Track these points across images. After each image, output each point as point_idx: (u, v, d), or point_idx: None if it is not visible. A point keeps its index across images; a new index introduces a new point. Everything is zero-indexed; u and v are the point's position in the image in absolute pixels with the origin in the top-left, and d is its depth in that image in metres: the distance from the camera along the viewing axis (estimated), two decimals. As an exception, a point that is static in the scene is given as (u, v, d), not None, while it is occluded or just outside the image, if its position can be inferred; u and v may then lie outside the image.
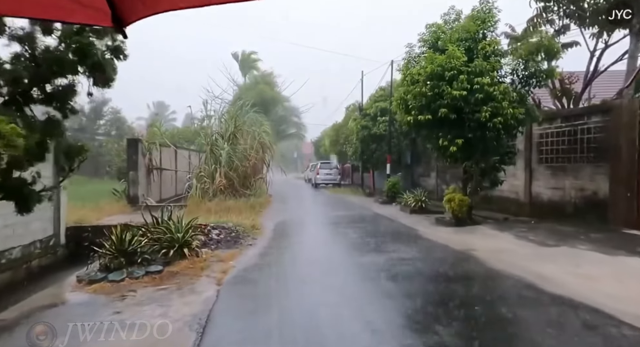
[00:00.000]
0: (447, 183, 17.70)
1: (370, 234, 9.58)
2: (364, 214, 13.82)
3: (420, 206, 13.51)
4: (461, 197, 10.14)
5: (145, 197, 14.26)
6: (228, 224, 10.08)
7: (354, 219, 12.18)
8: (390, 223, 11.37)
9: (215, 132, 16.27)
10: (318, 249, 8.18)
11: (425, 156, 19.87)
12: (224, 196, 14.93)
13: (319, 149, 41.13)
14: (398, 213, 13.55)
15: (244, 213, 12.58)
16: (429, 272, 6.16)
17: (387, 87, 21.29)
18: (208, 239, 8.22)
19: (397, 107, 10.51)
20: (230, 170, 15.79)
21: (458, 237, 8.75)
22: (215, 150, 15.73)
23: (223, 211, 12.75)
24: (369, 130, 20.64)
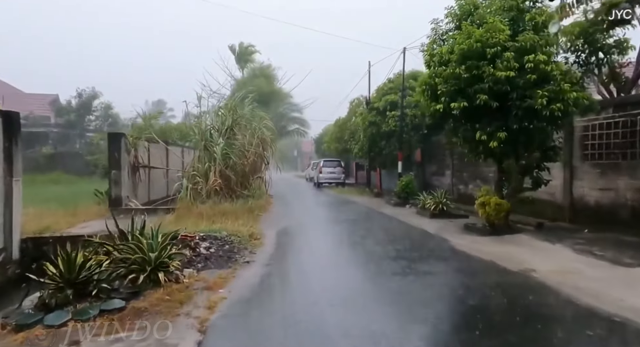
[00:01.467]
0: (464, 183, 16.09)
1: (392, 245, 7.95)
2: (377, 218, 12.21)
3: (442, 209, 11.89)
4: (497, 200, 8.52)
5: (130, 199, 12.62)
6: (221, 233, 8.46)
7: (367, 226, 10.57)
8: (412, 231, 9.75)
9: (210, 126, 14.61)
10: (332, 270, 6.50)
11: (438, 153, 18.25)
12: (219, 197, 13.28)
13: (321, 146, 39.47)
14: (416, 217, 11.93)
15: (240, 218, 10.95)
16: (491, 309, 4.54)
17: (397, 79, 19.68)
18: (195, 255, 6.59)
19: (421, 94, 8.89)
20: (226, 169, 14.14)
21: (502, 250, 7.14)
22: (210, 146, 14.09)
23: (217, 215, 11.12)
24: (377, 126, 19.02)
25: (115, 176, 11.95)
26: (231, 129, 14.50)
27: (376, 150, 19.54)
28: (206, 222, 10.02)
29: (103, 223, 10.51)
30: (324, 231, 10.01)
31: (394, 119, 18.38)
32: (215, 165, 13.62)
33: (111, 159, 12.08)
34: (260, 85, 27.32)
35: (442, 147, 17.81)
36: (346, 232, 9.64)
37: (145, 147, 14.61)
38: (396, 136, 18.32)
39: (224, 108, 14.84)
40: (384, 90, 19.97)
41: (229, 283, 5.37)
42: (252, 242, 8.05)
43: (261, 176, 17.58)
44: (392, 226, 10.66)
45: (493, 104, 7.25)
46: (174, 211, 11.58)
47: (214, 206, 12.35)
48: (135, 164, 13.35)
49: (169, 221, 10.11)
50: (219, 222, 10.15)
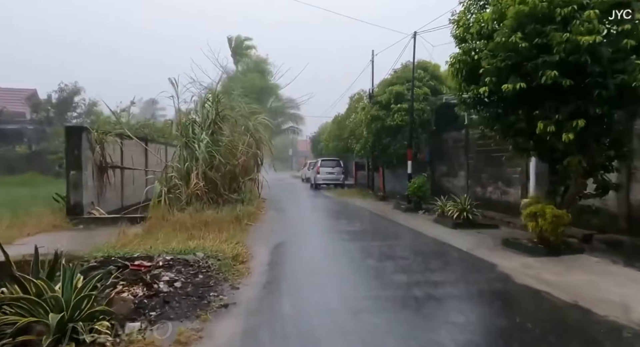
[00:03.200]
0: (482, 185, 14.14)
1: (422, 274, 5.99)
2: (390, 229, 10.25)
3: (466, 218, 9.96)
4: (555, 211, 6.58)
5: (94, 206, 10.56)
6: (197, 254, 6.46)
7: (382, 241, 8.59)
8: (439, 248, 7.79)
9: (192, 120, 12.57)
10: (349, 321, 4.46)
11: (450, 151, 16.33)
12: (202, 203, 11.27)
13: (317, 145, 37.50)
14: (436, 228, 9.99)
15: (226, 230, 8.96)
16: None
17: (404, 68, 17.78)
18: (150, 294, 4.58)
19: (454, 75, 6.94)
20: (211, 170, 12.12)
21: (577, 281, 5.22)
22: (192, 143, 12.06)
23: (197, 226, 9.11)
24: (382, 121, 17.10)
25: (74, 178, 9.88)
26: (215, 123, 12.45)
27: (380, 148, 17.61)
28: (181, 237, 8.01)
29: (51, 238, 8.53)
30: (328, 249, 7.99)
31: (400, 113, 16.47)
32: (197, 165, 11.59)
33: (69, 157, 10.01)
34: (254, 81, 25.27)
35: (455, 144, 15.92)
36: (357, 250, 7.66)
37: (118, 144, 12.56)
38: (402, 132, 16.43)
39: (209, 101, 12.75)
40: (389, 80, 18.05)
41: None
42: (237, 267, 6.04)
43: (253, 178, 15.59)
44: (412, 240, 8.69)
45: (565, 82, 5.31)
46: (144, 221, 9.56)
47: (195, 213, 10.33)
48: (102, 163, 11.29)
49: (133, 235, 8.09)
50: (198, 236, 8.15)
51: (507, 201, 12.60)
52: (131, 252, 6.40)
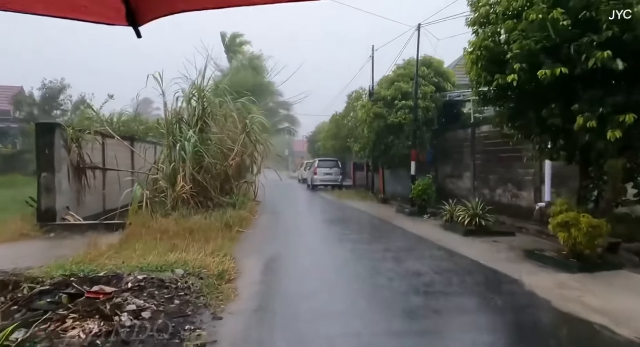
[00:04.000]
0: (490, 187, 13.26)
1: (443, 295, 5.09)
2: (395, 236, 9.33)
3: (478, 224, 9.07)
4: (589, 220, 5.69)
5: (69, 211, 9.58)
6: (176, 271, 5.53)
7: (388, 251, 7.65)
8: (452, 260, 6.87)
9: (179, 117, 11.61)
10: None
11: (454, 152, 15.46)
12: (189, 207, 10.32)
13: (314, 145, 36.56)
14: (445, 235, 9.10)
15: (213, 238, 8.03)
16: None
17: (407, 64, 16.89)
18: (109, 330, 3.63)
19: (473, 63, 6.04)
20: (200, 171, 11.18)
21: (634, 306, 4.34)
22: (179, 142, 11.10)
23: (181, 234, 8.18)
24: (384, 118, 16.18)
25: (45, 181, 8.90)
26: (202, 120, 11.48)
27: (382, 148, 16.68)
28: (162, 248, 7.07)
29: (14, 250, 7.55)
30: (330, 264, 7.00)
31: (403, 111, 15.57)
32: (184, 166, 10.63)
33: (40, 157, 9.03)
34: (247, 78, 24.28)
35: (460, 144, 15.05)
36: (362, 265, 6.72)
37: (99, 143, 11.58)
38: (405, 131, 15.52)
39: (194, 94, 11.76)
40: (392, 77, 17.15)
41: None
42: (222, 288, 5.11)
43: (248, 180, 14.65)
44: (422, 250, 7.76)
45: (616, 66, 4.41)
46: (123, 228, 8.60)
47: (181, 219, 9.40)
48: (80, 164, 10.30)
49: (108, 246, 7.15)
50: (181, 246, 7.21)
51: (518, 205, 11.72)
52: (98, 269, 5.47)
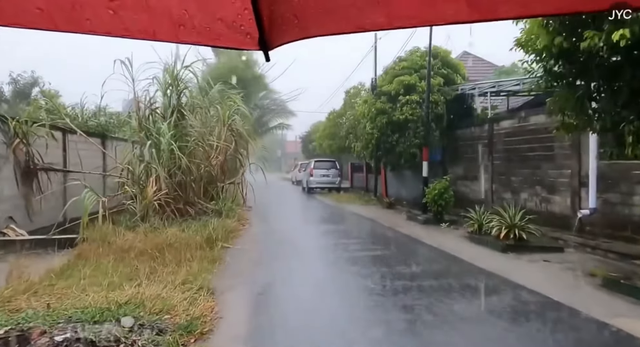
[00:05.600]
0: (513, 190, 11.55)
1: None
2: (419, 255, 7.58)
3: (517, 237, 7.40)
4: None
5: (13, 222, 7.72)
6: (123, 320, 3.75)
7: (416, 279, 5.91)
8: (510, 292, 5.14)
9: (152, 109, 9.78)
10: None
11: (469, 150, 13.80)
12: (164, 216, 8.53)
13: (309, 145, 34.81)
14: (478, 251, 7.41)
15: (189, 259, 6.27)
16: None
17: (410, 57, 15.26)
18: None
19: (541, 27, 4.36)
20: (177, 172, 9.38)
21: None
22: (153, 138, 9.29)
23: (147, 253, 6.39)
24: (387, 114, 14.55)
25: (-22, 186, 7.03)
26: (179, 112, 9.68)
27: (387, 147, 15.03)
28: (119, 275, 5.29)
29: None
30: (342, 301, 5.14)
31: (409, 106, 13.97)
32: (158, 167, 8.82)
33: (-30, 156, 7.16)
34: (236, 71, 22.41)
35: (475, 142, 13.42)
36: (387, 301, 4.96)
37: (58, 140, 9.73)
38: (412, 128, 13.92)
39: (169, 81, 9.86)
40: (395, 70, 15.51)
41: None
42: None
43: (233, 181, 12.88)
44: (458, 274, 6.01)
45: None
46: (73, 246, 6.77)
47: (152, 232, 7.60)
48: (30, 165, 8.45)
49: (45, 273, 5.34)
50: (145, 272, 5.43)
51: (551, 212, 10.02)
52: (7, 320, 3.67)
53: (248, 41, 1.21)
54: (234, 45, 1.28)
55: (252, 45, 1.21)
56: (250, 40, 1.21)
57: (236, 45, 1.29)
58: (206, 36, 1.24)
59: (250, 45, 1.22)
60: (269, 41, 1.22)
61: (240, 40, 1.23)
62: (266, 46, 1.23)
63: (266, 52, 1.25)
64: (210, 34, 1.23)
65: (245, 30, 1.19)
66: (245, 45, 1.25)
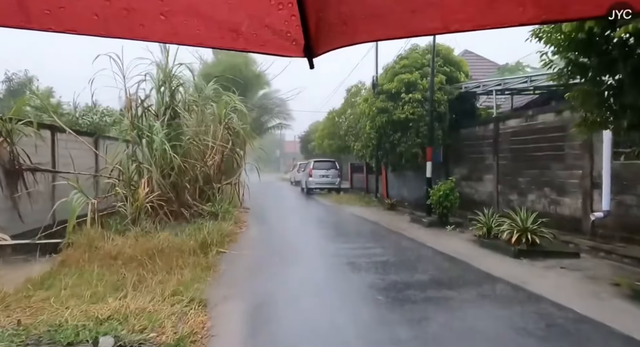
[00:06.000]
0: (520, 192, 11.16)
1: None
2: (426, 260, 7.14)
3: (530, 242, 6.99)
4: None
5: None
6: (102, 340, 3.32)
7: (427, 288, 5.50)
8: (532, 306, 4.74)
9: (145, 107, 9.34)
10: None
11: (473, 150, 13.40)
12: (157, 219, 8.10)
13: (307, 145, 34.38)
14: (489, 257, 7.00)
15: (182, 266, 5.85)
16: None
17: (412, 54, 14.87)
18: None
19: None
20: (171, 173, 8.95)
21: None
22: (145, 137, 8.84)
23: (137, 260, 5.96)
24: (388, 113, 14.15)
25: (-45, 188, 6.58)
26: (172, 110, 9.25)
27: (388, 147, 14.63)
28: (104, 284, 4.87)
29: None
30: (347, 311, 4.78)
31: (411, 105, 13.59)
32: (151, 167, 8.39)
33: (-52, 156, 6.71)
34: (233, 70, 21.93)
35: (479, 141, 13.03)
36: (395, 316, 4.56)
37: (43, 139, 9.27)
38: (413, 127, 13.54)
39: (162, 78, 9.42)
40: (396, 68, 15.12)
41: None
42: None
43: (231, 182, 12.46)
44: (471, 283, 5.60)
45: None
46: (58, 252, 6.34)
47: (144, 237, 7.16)
48: (15, 165, 8.00)
49: (24, 282, 4.91)
50: (132, 281, 5.01)
51: (561, 214, 9.63)
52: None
53: (293, 48, 1.22)
54: (280, 52, 1.29)
55: (297, 52, 1.22)
56: (295, 47, 1.22)
57: (282, 52, 1.29)
58: (253, 43, 1.24)
59: (295, 52, 1.23)
60: (314, 48, 1.22)
61: (286, 47, 1.23)
62: (311, 53, 1.23)
63: (311, 59, 1.25)
64: (257, 41, 1.23)
65: (291, 37, 1.20)
66: (290, 53, 1.25)
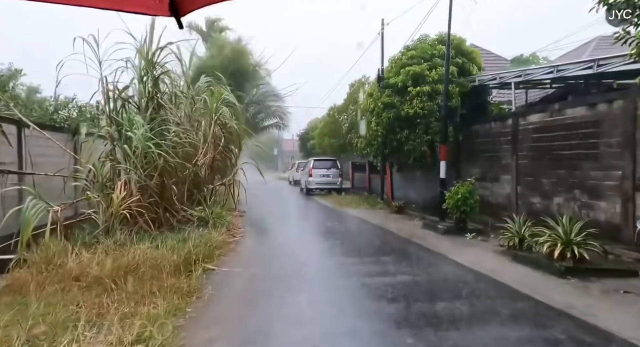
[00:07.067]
0: (543, 195, 9.97)
1: None
2: (455, 280, 5.95)
3: (577, 257, 5.87)
4: None
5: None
6: None
7: (468, 329, 4.38)
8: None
9: (125, 98, 8.15)
10: None
11: (488, 148, 12.26)
12: (135, 228, 6.93)
13: (306, 143, 33.20)
14: (530, 276, 5.86)
15: (157, 291, 4.70)
16: None
17: (420, 45, 13.74)
18: None
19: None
20: (154, 174, 7.78)
21: None
22: (124, 133, 7.67)
23: (103, 282, 4.81)
24: (395, 108, 13.06)
25: None
26: (156, 102, 8.08)
27: (395, 144, 13.51)
28: (52, 322, 3.72)
29: None
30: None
31: (420, 99, 12.50)
32: (130, 167, 7.22)
33: None
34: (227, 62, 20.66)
35: (495, 138, 11.90)
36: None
37: (5, 135, 8.07)
38: (422, 123, 12.46)
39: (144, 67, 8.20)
40: (403, 60, 13.99)
41: None
42: None
43: (225, 182, 11.31)
44: (524, 319, 4.43)
45: None
46: (8, 272, 5.17)
47: (118, 250, 6.00)
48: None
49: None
50: (89, 317, 3.87)
51: (595, 220, 8.46)
52: None
53: (158, 6, 1.17)
54: (144, 10, 1.24)
55: (162, 10, 1.18)
56: (160, 4, 1.16)
57: (145, 10, 1.26)
58: (113, 1, 1.18)
59: (160, 10, 1.18)
60: (180, 7, 1.17)
61: (150, 4, 1.19)
62: (177, 13, 1.18)
63: (178, 18, 1.20)
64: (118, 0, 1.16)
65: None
66: (155, 11, 1.21)
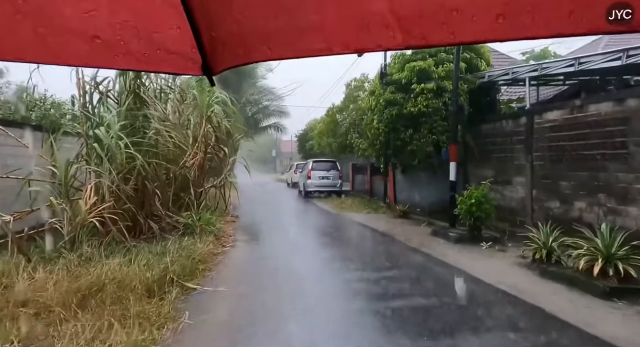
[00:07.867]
0: (562, 199, 9.04)
1: None
2: (477, 303, 5.11)
3: (622, 275, 4.99)
4: None
5: None
6: None
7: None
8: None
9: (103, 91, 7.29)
10: None
11: (499, 148, 11.39)
12: (106, 239, 6.04)
13: (305, 144, 32.35)
14: (564, 296, 4.99)
15: (122, 319, 3.82)
16: None
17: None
18: None
19: None
20: (131, 178, 6.90)
21: None
22: (97, 132, 6.79)
23: (55, 312, 3.93)
24: (399, 106, 12.26)
25: None
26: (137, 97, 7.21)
27: (398, 144, 12.71)
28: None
29: None
30: None
31: (425, 96, 11.70)
32: (101, 169, 6.33)
33: None
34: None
35: (506, 138, 11.05)
36: None
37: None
38: (427, 122, 11.66)
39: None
40: (407, 55, 13.19)
41: None
42: None
43: (216, 185, 10.45)
44: None
45: None
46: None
47: (83, 266, 5.12)
48: None
49: None
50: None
51: (624, 228, 7.60)
52: None
53: (191, 67, 1.21)
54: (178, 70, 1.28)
55: (195, 70, 1.22)
56: (194, 65, 1.20)
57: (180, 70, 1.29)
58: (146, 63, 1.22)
59: (194, 70, 1.22)
60: (213, 67, 1.20)
61: (184, 65, 1.22)
62: (210, 71, 1.22)
63: (210, 77, 1.24)
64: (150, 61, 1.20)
65: (188, 56, 1.19)
66: (190, 71, 1.24)
